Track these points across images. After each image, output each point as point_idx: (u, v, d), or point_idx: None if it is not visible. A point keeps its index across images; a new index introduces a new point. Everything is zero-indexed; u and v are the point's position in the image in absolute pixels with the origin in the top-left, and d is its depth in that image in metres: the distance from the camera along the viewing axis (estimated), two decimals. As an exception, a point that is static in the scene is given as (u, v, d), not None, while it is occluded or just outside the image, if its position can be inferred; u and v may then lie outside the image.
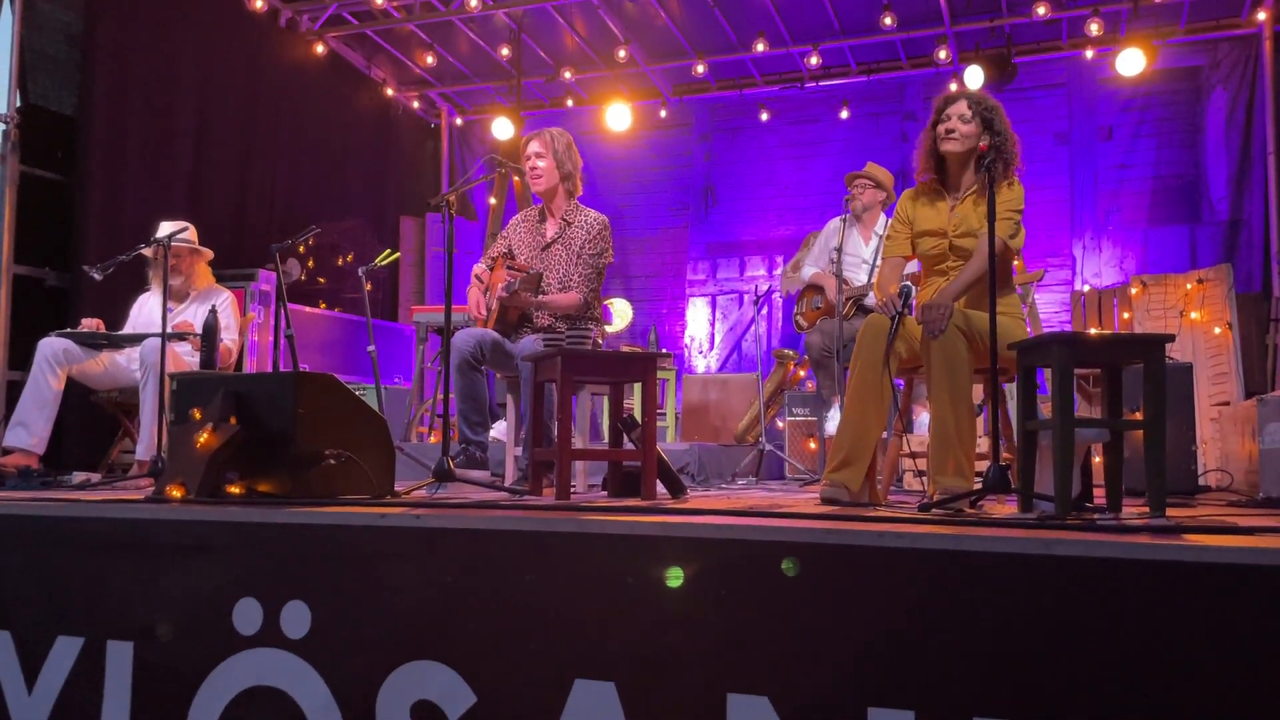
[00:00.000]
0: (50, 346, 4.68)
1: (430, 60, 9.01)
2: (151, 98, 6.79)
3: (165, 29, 6.91)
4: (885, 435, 3.79)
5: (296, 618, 2.54)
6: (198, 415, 3.16)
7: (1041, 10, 7.67)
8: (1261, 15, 7.76)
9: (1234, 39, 8.06)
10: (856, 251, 5.71)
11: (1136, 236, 8.37)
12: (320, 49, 8.46)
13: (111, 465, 5.30)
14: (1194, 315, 7.08)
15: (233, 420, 3.11)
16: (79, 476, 4.60)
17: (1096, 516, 2.68)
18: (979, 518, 2.75)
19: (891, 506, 3.28)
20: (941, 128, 3.54)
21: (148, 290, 5.18)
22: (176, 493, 3.01)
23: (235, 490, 3.06)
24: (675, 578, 2.23)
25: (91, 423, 5.62)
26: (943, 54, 8.23)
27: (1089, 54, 8.28)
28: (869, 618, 2.11)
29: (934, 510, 2.88)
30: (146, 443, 4.51)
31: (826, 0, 8.04)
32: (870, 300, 5.46)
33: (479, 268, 4.62)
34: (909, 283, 3.46)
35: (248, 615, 2.58)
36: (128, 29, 6.62)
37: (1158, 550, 1.97)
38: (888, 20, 7.87)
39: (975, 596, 2.04)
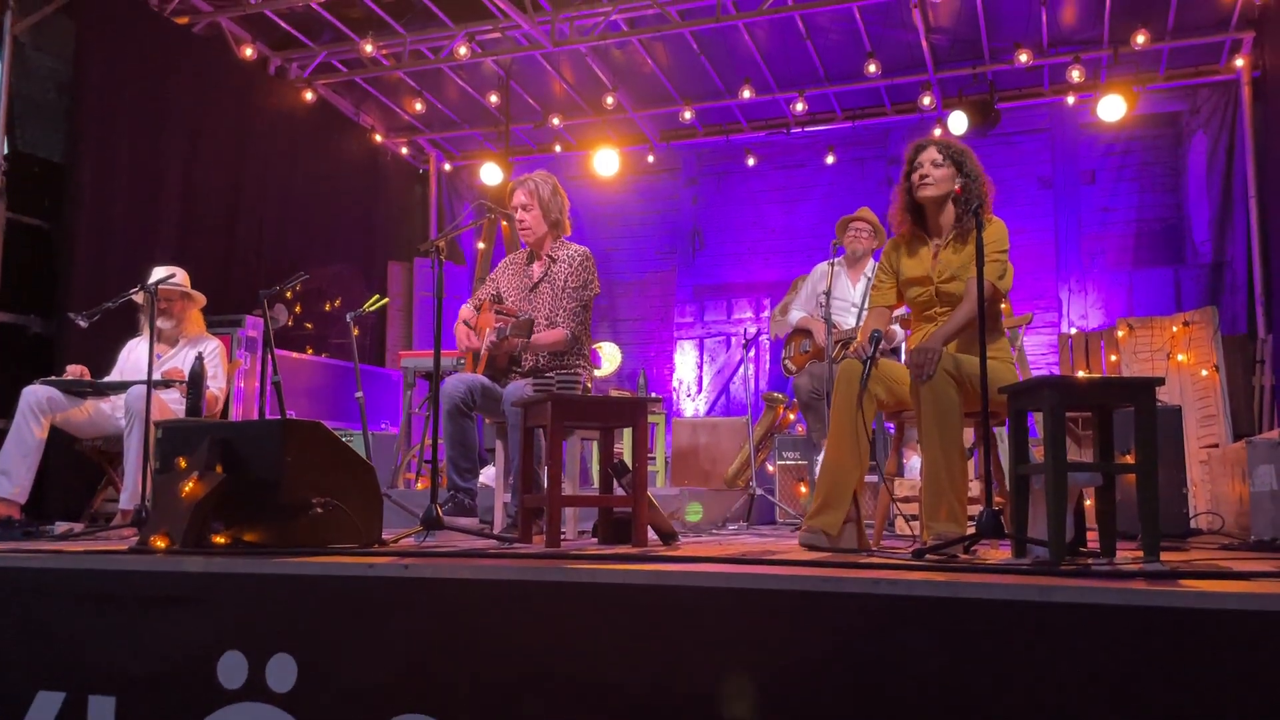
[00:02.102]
0: (34, 395, 4.63)
1: (419, 107, 9.06)
2: (140, 145, 6.79)
3: (154, 77, 6.94)
4: (875, 480, 3.78)
5: (282, 671, 2.49)
6: (183, 464, 3.12)
7: (1024, 57, 7.78)
8: (1240, 61, 7.90)
9: (1213, 85, 8.19)
10: (845, 295, 5.71)
11: (1121, 279, 8.42)
12: (309, 96, 8.51)
13: (95, 515, 5.23)
14: (1180, 357, 7.11)
15: (219, 469, 3.07)
16: (61, 527, 4.53)
17: (1091, 562, 2.67)
18: (973, 564, 2.73)
19: (884, 553, 3.25)
20: (916, 175, 3.59)
21: (138, 335, 5.15)
22: (161, 543, 2.96)
23: (221, 540, 3.02)
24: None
25: (75, 471, 5.56)
26: (926, 100, 8.33)
27: (1071, 100, 8.39)
28: (866, 664, 2.08)
29: (928, 556, 2.86)
30: (130, 492, 4.45)
31: (812, 48, 8.14)
32: None
33: (466, 310, 4.60)
34: (879, 329, 3.49)
35: (232, 669, 2.53)
36: (116, 77, 6.64)
37: (1154, 597, 1.95)
38: (872, 67, 7.97)
39: (971, 643, 2.02)
